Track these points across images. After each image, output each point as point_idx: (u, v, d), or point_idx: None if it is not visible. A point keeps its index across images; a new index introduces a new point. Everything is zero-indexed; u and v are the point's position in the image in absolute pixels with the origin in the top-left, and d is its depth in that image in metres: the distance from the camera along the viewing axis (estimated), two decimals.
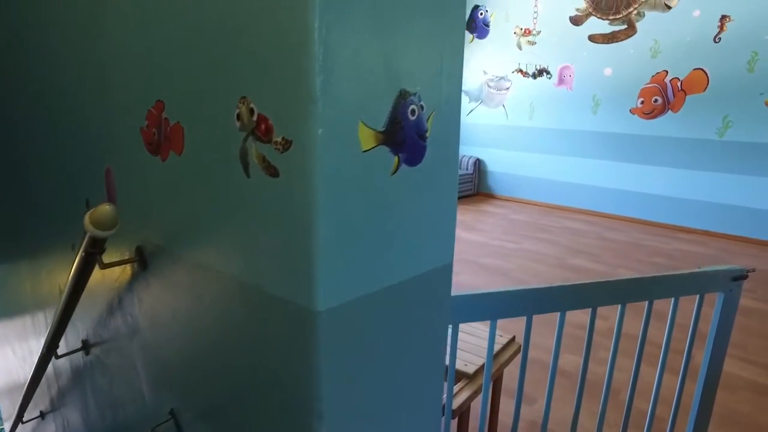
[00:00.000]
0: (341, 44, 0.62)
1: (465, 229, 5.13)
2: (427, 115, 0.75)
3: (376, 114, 0.68)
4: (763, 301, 3.51)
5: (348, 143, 0.66)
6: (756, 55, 4.76)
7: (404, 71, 0.70)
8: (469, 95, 6.91)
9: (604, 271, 4.01)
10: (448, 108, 0.79)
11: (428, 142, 0.76)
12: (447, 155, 0.81)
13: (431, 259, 0.86)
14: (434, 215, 0.84)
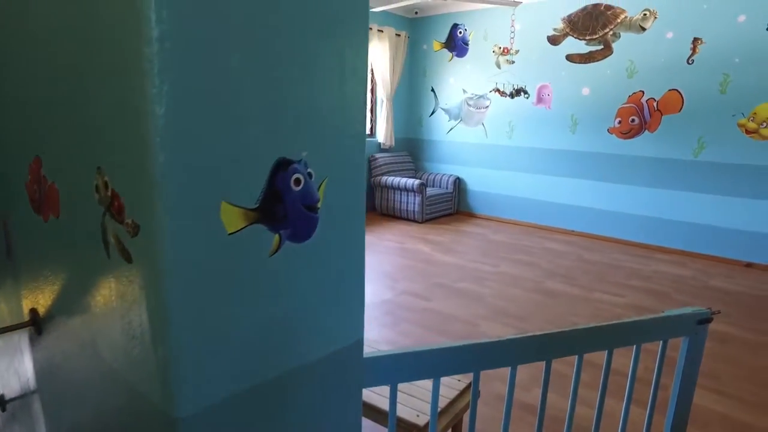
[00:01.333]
0: (192, 113, 0.53)
1: (442, 252, 5.04)
2: (319, 182, 0.66)
3: (246, 189, 0.58)
4: (738, 326, 3.45)
5: (208, 227, 0.56)
6: (728, 77, 4.78)
7: (284, 135, 0.61)
8: (448, 113, 6.88)
9: (580, 295, 3.94)
10: (349, 171, 0.70)
11: (322, 213, 0.67)
12: (349, 224, 0.72)
13: (332, 340, 0.76)
14: (334, 293, 0.74)
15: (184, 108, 0.52)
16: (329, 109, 0.66)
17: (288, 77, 0.60)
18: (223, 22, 0.53)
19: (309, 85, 0.63)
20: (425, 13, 6.90)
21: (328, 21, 0.63)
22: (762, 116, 4.67)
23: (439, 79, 6.92)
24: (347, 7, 0.65)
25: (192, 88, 0.52)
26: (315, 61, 0.63)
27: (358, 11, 0.66)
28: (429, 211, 6.34)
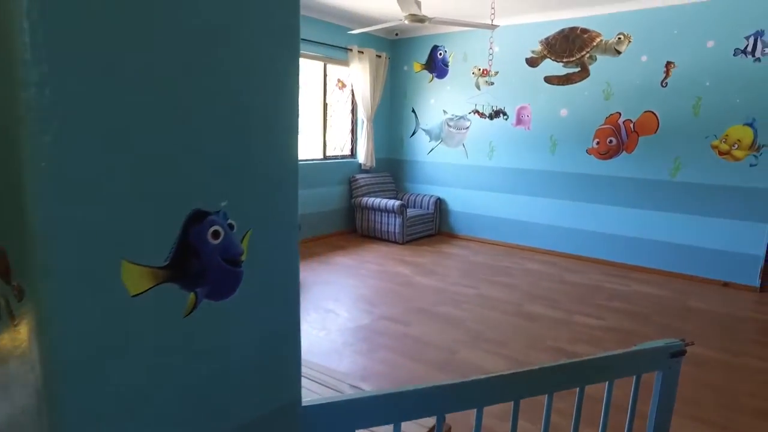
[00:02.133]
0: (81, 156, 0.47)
1: (422, 274, 4.99)
2: (243, 233, 0.60)
3: (152, 245, 0.53)
4: (716, 349, 3.43)
5: (105, 290, 0.50)
6: (700, 99, 4.86)
7: (198, 183, 0.55)
8: (429, 134, 6.89)
9: (560, 318, 3.90)
10: (279, 219, 0.64)
11: (247, 267, 0.62)
12: (279, 278, 0.66)
13: (260, 405, 0.69)
14: (262, 354, 0.67)
15: (70, 151, 0.46)
16: (256, 151, 0.60)
17: (204, 115, 0.54)
18: (119, 50, 0.47)
19: (230, 124, 0.57)
20: (406, 34, 6.95)
21: (254, 54, 0.58)
22: (733, 138, 4.75)
23: (420, 99, 6.94)
24: (275, 39, 0.60)
25: (80, 126, 0.46)
26: (238, 97, 0.57)
27: (288, 43, 0.61)
28: (410, 232, 6.29)
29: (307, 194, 6.19)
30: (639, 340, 3.50)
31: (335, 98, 6.71)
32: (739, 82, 4.68)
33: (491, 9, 5.38)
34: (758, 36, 4.58)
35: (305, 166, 6.15)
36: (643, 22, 5.11)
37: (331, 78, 6.57)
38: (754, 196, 4.71)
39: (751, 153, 4.69)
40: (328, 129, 6.60)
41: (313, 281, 4.67)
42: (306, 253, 5.64)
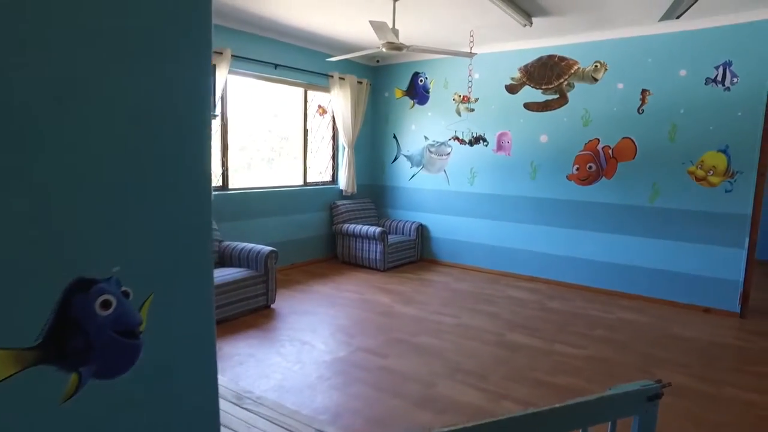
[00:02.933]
0: None
1: (403, 302, 4.90)
2: (142, 300, 0.53)
3: (18, 323, 0.45)
4: (696, 378, 3.38)
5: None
6: (675, 126, 4.93)
7: (82, 244, 0.48)
8: (411, 160, 6.88)
9: (541, 348, 3.82)
10: (186, 281, 0.57)
11: (148, 336, 0.54)
12: (189, 347, 0.58)
13: None
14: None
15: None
16: (158, 204, 0.53)
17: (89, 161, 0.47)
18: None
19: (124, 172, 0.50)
20: (387, 61, 6.99)
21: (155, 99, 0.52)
22: (708, 164, 4.80)
23: (401, 126, 6.95)
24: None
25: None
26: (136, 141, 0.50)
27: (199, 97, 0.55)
28: (391, 259, 6.22)
29: (287, 221, 6.10)
30: (620, 371, 3.44)
31: (316, 124, 6.69)
32: (712, 110, 4.75)
33: (470, 37, 5.45)
34: (726, 66, 4.67)
35: (285, 192, 6.08)
36: (619, 50, 5.19)
37: (312, 104, 6.56)
38: (731, 221, 4.74)
39: (725, 179, 4.74)
40: (309, 155, 6.56)
41: (290, 311, 4.55)
42: (284, 282, 5.53)
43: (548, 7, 4.51)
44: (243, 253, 4.61)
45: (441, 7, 4.58)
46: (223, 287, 4.14)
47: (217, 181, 5.47)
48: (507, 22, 4.92)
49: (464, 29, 5.28)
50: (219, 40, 5.07)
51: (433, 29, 5.33)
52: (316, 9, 4.75)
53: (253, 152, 6.11)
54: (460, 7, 4.53)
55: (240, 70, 5.40)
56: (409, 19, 4.93)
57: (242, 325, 4.14)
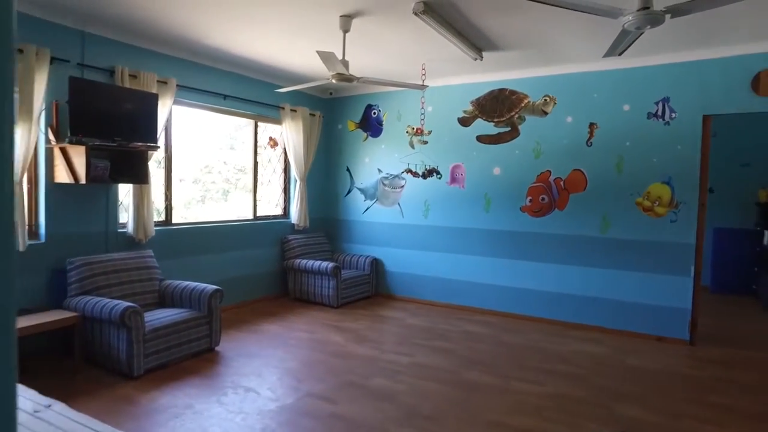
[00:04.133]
0: None
1: (356, 341, 4.68)
2: None
3: None
4: (652, 410, 3.31)
5: None
6: (622, 158, 5.05)
7: None
8: (364, 193, 6.77)
9: (498, 386, 3.68)
10: None
11: None
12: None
13: None
14: None
15: None
16: None
17: None
18: None
19: None
20: (339, 93, 6.94)
21: None
22: (654, 195, 4.91)
23: (355, 158, 6.86)
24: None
25: None
26: None
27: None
28: (345, 294, 6.01)
29: (236, 256, 5.82)
30: (579, 407, 3.33)
31: (267, 157, 6.51)
32: (654, 143, 4.89)
33: (422, 70, 5.46)
34: (665, 102, 4.85)
35: (233, 227, 5.82)
36: (567, 85, 5.32)
37: (263, 136, 6.39)
38: (677, 250, 4.83)
39: (670, 209, 4.85)
40: (260, 188, 6.35)
41: (235, 354, 4.25)
42: (231, 321, 5.21)
43: (498, 42, 4.57)
44: (185, 293, 4.31)
45: (392, 40, 4.57)
46: (161, 330, 3.82)
47: (159, 215, 5.17)
48: (459, 56, 4.96)
49: (416, 62, 5.29)
50: (164, 69, 4.87)
51: (385, 61, 5.31)
52: (266, 40, 4.64)
53: (208, 185, 5.88)
54: (412, 40, 4.53)
55: (186, 101, 5.20)
56: (360, 50, 4.89)
57: (182, 371, 3.82)
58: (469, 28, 4.20)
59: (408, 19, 3.97)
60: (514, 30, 4.23)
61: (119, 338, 3.61)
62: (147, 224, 4.68)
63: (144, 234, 4.67)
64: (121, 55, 4.52)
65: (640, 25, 2.83)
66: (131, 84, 4.45)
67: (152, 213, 4.74)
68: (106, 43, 4.40)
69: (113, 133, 4.09)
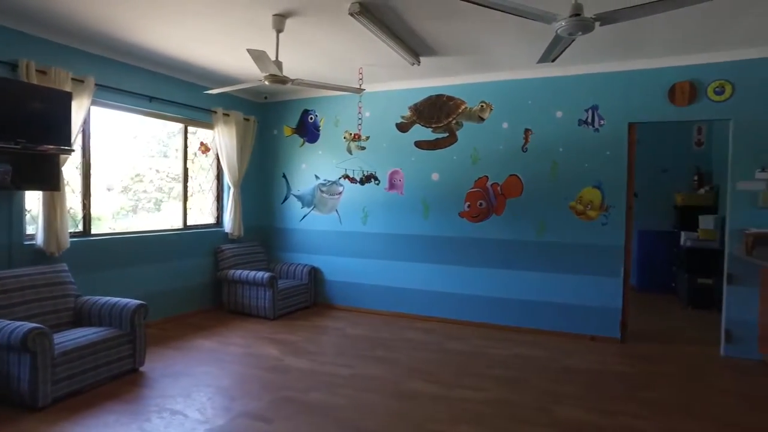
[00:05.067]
0: None
1: (293, 354, 4.48)
2: None
3: None
4: (589, 409, 3.36)
5: None
6: (556, 164, 5.19)
7: None
8: (301, 200, 6.57)
9: (441, 394, 3.62)
10: None
11: None
12: None
13: None
14: None
15: None
16: None
17: None
18: None
19: None
20: (275, 98, 6.73)
21: None
22: (586, 199, 5.08)
23: (291, 164, 6.66)
24: None
25: None
26: None
27: None
28: (282, 306, 5.77)
29: (164, 269, 5.44)
30: (521, 412, 3.31)
31: (198, 163, 6.17)
32: (585, 149, 5.06)
33: (359, 74, 5.37)
34: (594, 110, 5.04)
35: (161, 237, 5.45)
36: (502, 92, 5.41)
37: (193, 141, 6.06)
38: (608, 252, 5.00)
39: (601, 213, 5.02)
40: (194, 196, 6.01)
41: (161, 374, 3.93)
42: (158, 338, 4.85)
43: (436, 47, 4.56)
44: (105, 310, 3.94)
45: (328, 42, 4.44)
46: (74, 352, 3.45)
47: (77, 225, 4.74)
48: (397, 61, 4.90)
49: (354, 66, 5.19)
50: (80, 66, 4.48)
51: (322, 65, 5.18)
52: (195, 38, 4.38)
53: (139, 194, 5.51)
54: (349, 43, 4.43)
55: (107, 102, 4.81)
56: (295, 52, 4.73)
57: (100, 397, 3.47)
58: (406, 32, 4.16)
59: (344, 21, 3.86)
60: (451, 35, 4.23)
61: (21, 365, 3.20)
62: (60, 235, 4.26)
63: (57, 246, 4.25)
64: (27, 48, 4.10)
65: (572, 31, 2.88)
66: (39, 80, 4.04)
67: (67, 223, 4.33)
68: (8, 33, 3.98)
69: (15, 134, 3.68)
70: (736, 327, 4.65)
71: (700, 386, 3.89)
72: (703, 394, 3.72)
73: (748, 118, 4.55)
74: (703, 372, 4.22)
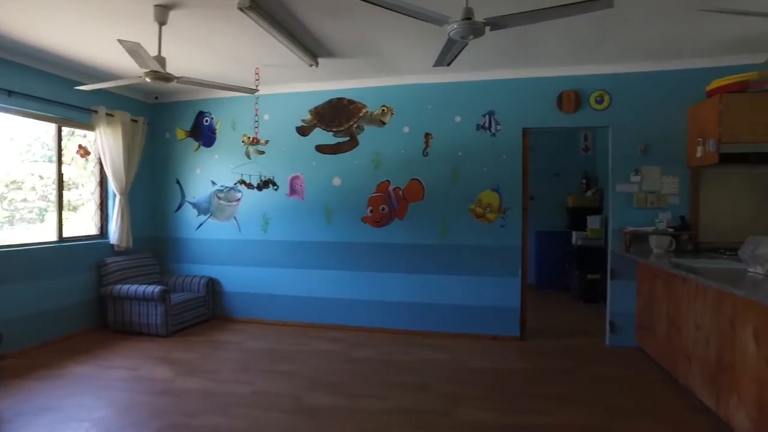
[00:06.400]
0: None
1: (187, 374, 4.13)
2: None
3: None
4: (494, 410, 3.40)
5: None
6: (456, 168, 5.28)
7: None
8: (197, 208, 6.15)
9: (345, 407, 3.49)
10: None
11: None
12: None
13: None
14: None
15: None
16: None
17: None
18: None
19: None
20: (167, 98, 6.25)
21: None
22: (485, 202, 5.22)
23: (185, 170, 6.22)
24: None
25: None
26: None
27: None
28: (176, 321, 5.34)
29: (33, 288, 4.80)
30: (426, 419, 3.27)
31: (77, 169, 5.56)
32: (483, 153, 5.21)
33: (255, 74, 5.13)
34: (491, 115, 5.20)
35: (30, 252, 4.81)
36: (403, 96, 5.42)
37: (70, 144, 5.44)
38: (506, 253, 5.17)
39: (500, 215, 5.19)
40: (81, 206, 5.39)
41: (18, 412, 3.39)
42: (21, 369, 4.23)
43: (333, 48, 4.45)
44: None
45: (220, 39, 4.17)
46: None
47: None
48: (295, 62, 4.73)
49: (249, 66, 4.94)
50: None
51: (214, 63, 4.87)
52: (65, 29, 3.91)
53: (17, 203, 4.85)
54: (242, 40, 4.19)
55: None
56: (183, 48, 4.40)
57: None
58: (301, 30, 4.01)
59: (235, 17, 3.63)
60: (347, 35, 4.14)
61: None
62: None
63: None
64: None
65: (464, 34, 2.89)
66: None
67: None
68: None
69: None
70: (618, 318, 5.00)
71: (589, 376, 4.10)
72: (593, 384, 3.92)
73: (623, 126, 4.92)
74: (591, 362, 4.47)
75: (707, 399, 3.35)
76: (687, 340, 3.68)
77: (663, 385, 3.90)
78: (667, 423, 3.23)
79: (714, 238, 4.75)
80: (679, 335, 3.84)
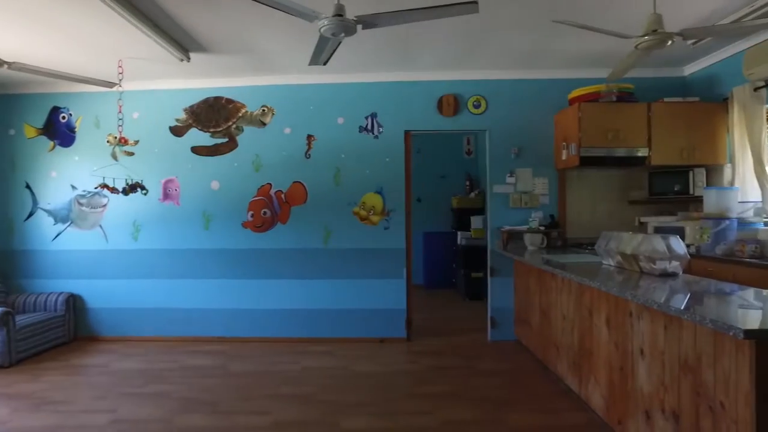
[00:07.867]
0: None
1: (31, 409, 3.59)
2: None
3: None
4: (379, 415, 3.34)
5: None
6: (339, 170, 5.22)
7: None
8: (53, 216, 5.46)
9: (221, 426, 3.24)
10: None
11: None
12: None
13: None
14: None
15: None
16: None
17: None
18: None
19: None
20: (10, 89, 5.47)
21: None
22: (369, 204, 5.21)
23: (37, 172, 5.49)
24: None
25: None
26: None
27: None
28: (24, 347, 4.66)
29: None
30: (307, 430, 3.13)
31: None
32: (367, 156, 5.19)
33: (119, 67, 4.66)
34: (373, 117, 5.21)
35: None
36: (284, 96, 5.24)
37: None
38: (391, 255, 5.20)
39: (383, 218, 5.20)
40: None
41: None
42: None
43: (204, 42, 4.16)
44: None
45: (73, 25, 3.70)
46: None
47: None
48: (164, 55, 4.35)
49: (111, 57, 4.46)
50: None
51: (71, 52, 4.33)
52: None
53: None
54: (103, 29, 3.75)
55: None
56: (31, 33, 3.86)
57: None
58: (168, 21, 3.68)
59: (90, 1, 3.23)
60: (220, 30, 3.90)
61: None
62: None
63: None
64: None
65: (335, 31, 2.82)
66: None
67: None
68: None
69: None
70: (498, 314, 5.23)
71: (470, 372, 4.23)
72: (474, 379, 4.04)
73: (498, 130, 5.17)
74: (474, 358, 4.62)
75: (572, 383, 3.58)
76: (556, 330, 3.92)
77: (538, 375, 4.12)
78: (541, 411, 3.40)
79: (579, 234, 5.15)
80: (549, 326, 4.08)
